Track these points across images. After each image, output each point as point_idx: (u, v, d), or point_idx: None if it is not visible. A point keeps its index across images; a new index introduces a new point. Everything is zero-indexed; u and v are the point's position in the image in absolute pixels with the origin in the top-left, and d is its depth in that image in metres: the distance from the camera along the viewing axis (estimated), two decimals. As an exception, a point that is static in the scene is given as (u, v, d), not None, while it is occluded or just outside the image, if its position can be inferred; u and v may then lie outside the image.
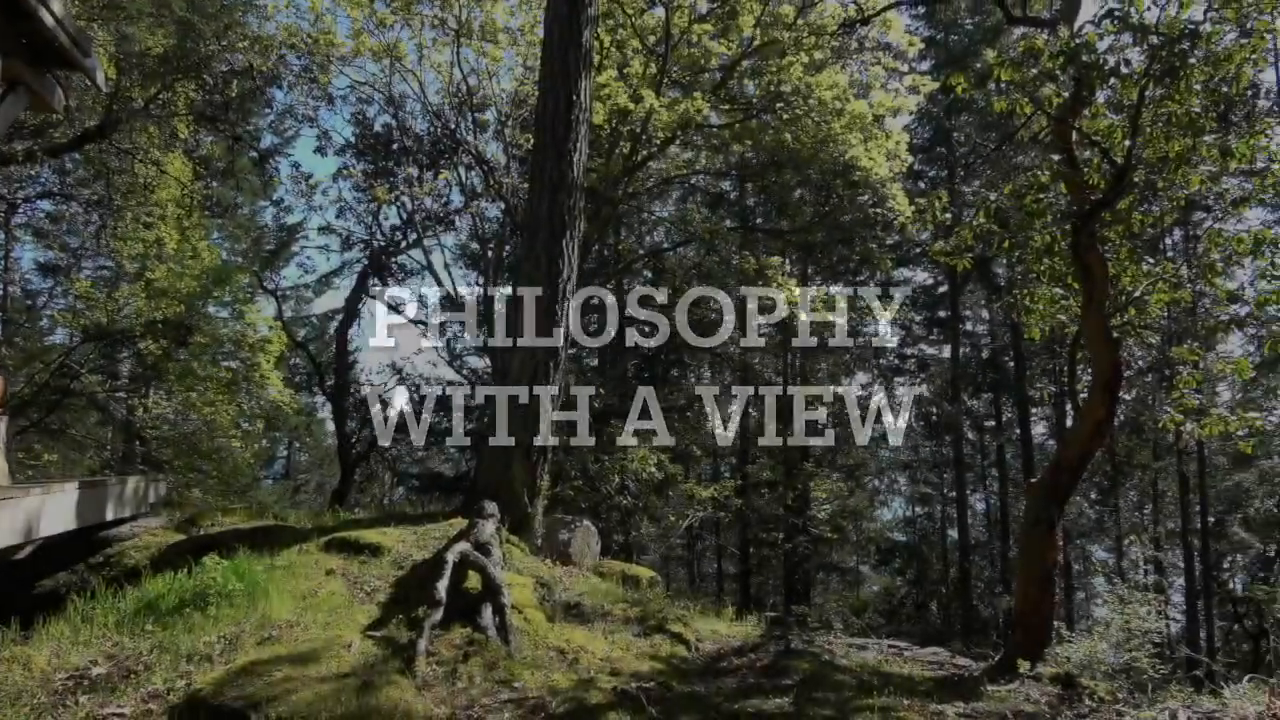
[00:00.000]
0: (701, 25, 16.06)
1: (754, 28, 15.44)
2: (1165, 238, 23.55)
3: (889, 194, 15.31)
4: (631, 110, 15.08)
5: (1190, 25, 7.36)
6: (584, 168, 9.57)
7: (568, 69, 8.83)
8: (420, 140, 23.38)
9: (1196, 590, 26.14)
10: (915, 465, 30.33)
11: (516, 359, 8.99)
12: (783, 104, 15.23)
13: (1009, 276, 23.82)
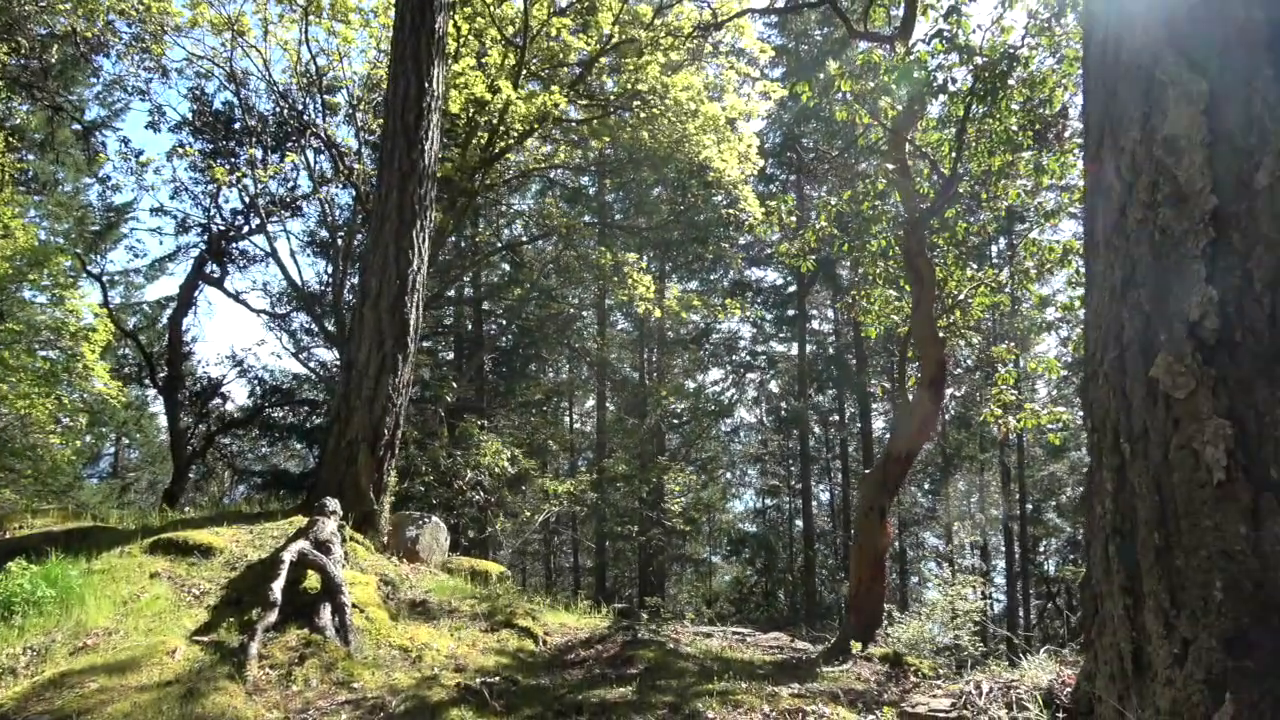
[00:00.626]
0: (560, 19, 16.02)
1: (613, 25, 15.54)
2: (991, 245, 25.33)
3: (741, 195, 15.76)
4: (489, 101, 14.88)
5: (1010, 49, 7.94)
6: (437, 157, 9.37)
7: (419, 55, 8.61)
8: (265, 120, 22.23)
9: (1016, 572, 28.29)
10: (765, 458, 31.38)
11: (363, 351, 8.71)
12: (640, 103, 15.41)
13: (851, 278, 24.99)
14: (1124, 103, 3.36)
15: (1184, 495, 2.84)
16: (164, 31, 17.40)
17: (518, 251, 24.70)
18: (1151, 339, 3.03)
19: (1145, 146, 3.23)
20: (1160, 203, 3.13)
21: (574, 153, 20.36)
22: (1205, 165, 3.01)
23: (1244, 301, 2.85)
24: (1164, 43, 3.26)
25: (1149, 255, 3.12)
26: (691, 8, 15.40)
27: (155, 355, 23.44)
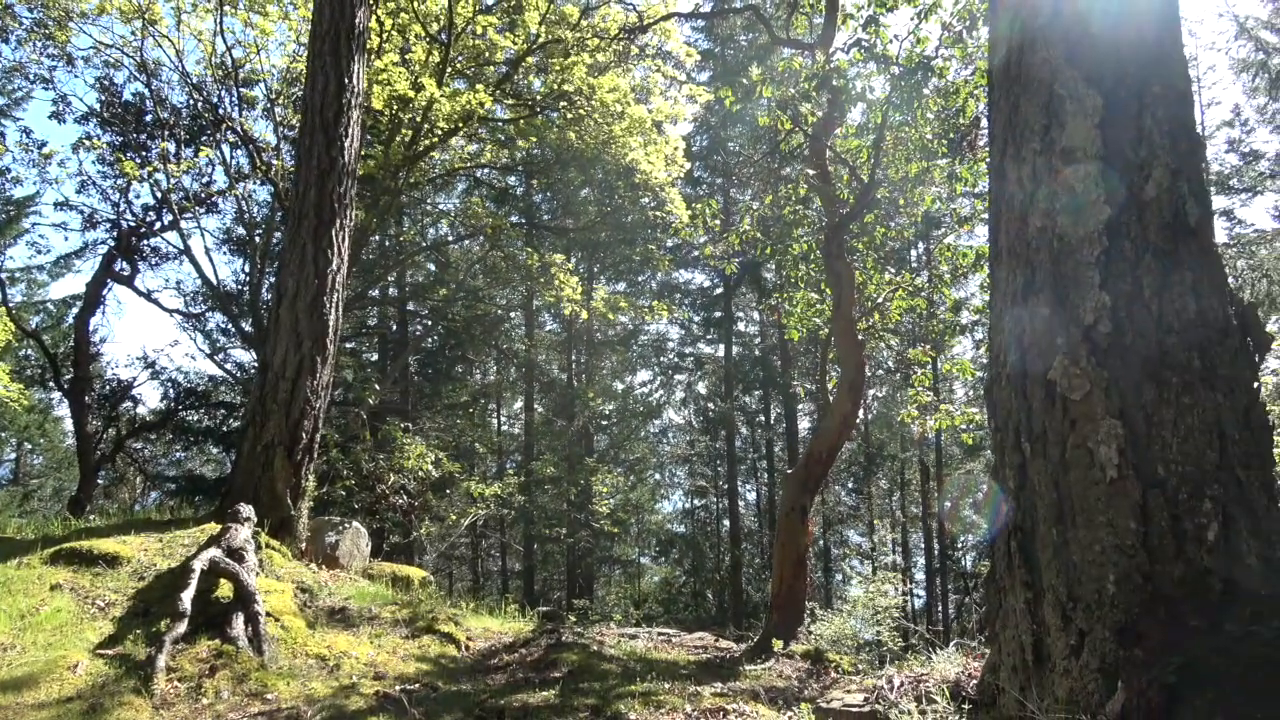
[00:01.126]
0: (486, 18, 15.87)
1: (539, 24, 15.45)
2: (910, 249, 25.99)
3: (668, 198, 15.85)
4: (412, 98, 14.65)
5: (925, 59, 8.16)
6: (358, 154, 9.18)
7: (339, 50, 8.43)
8: (178, 113, 21.47)
9: (936, 569, 29.08)
10: (693, 459, 31.60)
11: (280, 353, 8.48)
12: (567, 103, 15.37)
13: (775, 281, 25.35)
14: (1025, 115, 3.49)
15: (1080, 493, 2.97)
16: (69, 18, 16.67)
17: (443, 251, 24.37)
18: (1050, 342, 3.16)
19: (1045, 158, 3.37)
20: (1058, 211, 3.27)
21: (500, 152, 20.18)
22: (1099, 177, 3.15)
23: (1134, 307, 2.99)
24: (1063, 59, 3.40)
25: (1048, 262, 3.25)
26: (618, 10, 15.43)
27: (60, 356, 22.46)
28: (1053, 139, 3.43)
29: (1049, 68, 3.52)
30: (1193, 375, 2.95)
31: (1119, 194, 3.20)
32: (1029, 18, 3.60)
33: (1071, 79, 3.44)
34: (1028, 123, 3.60)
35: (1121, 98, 3.31)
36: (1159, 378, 2.96)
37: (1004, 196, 3.70)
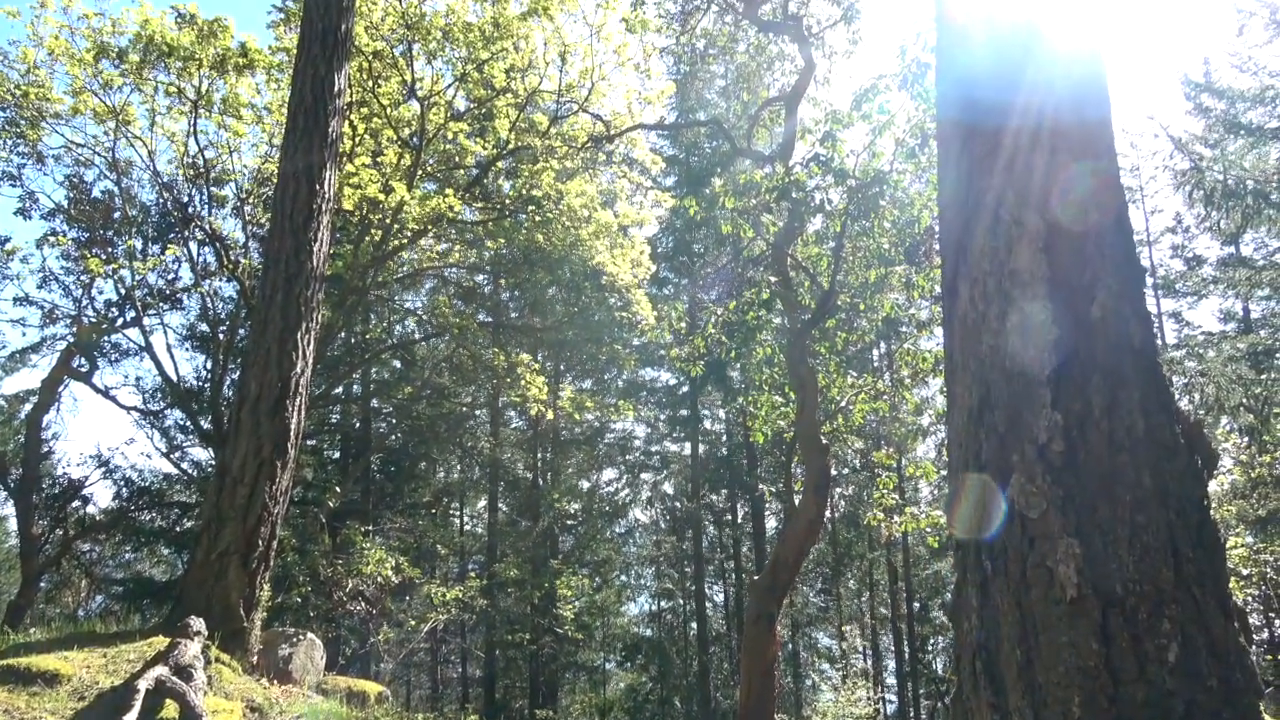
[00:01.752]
0: (458, 124, 16.32)
1: (509, 131, 15.91)
2: (873, 349, 26.45)
3: (634, 299, 16.08)
4: (383, 200, 14.89)
5: (880, 173, 8.49)
6: (326, 258, 9.25)
7: (311, 158, 8.59)
8: (147, 211, 21.61)
9: (906, 671, 28.57)
10: (659, 560, 31.13)
11: (239, 457, 8.33)
12: (535, 207, 15.70)
13: (741, 380, 25.57)
14: (976, 237, 3.63)
15: (1042, 612, 2.96)
16: (41, 118, 16.84)
17: (409, 349, 24.35)
18: (1006, 460, 3.21)
19: (995, 279, 3.49)
20: (1009, 330, 3.37)
21: (469, 252, 20.45)
22: (1046, 299, 3.27)
23: (1086, 426, 3.06)
24: (1007, 184, 3.57)
25: (1001, 380, 3.33)
26: (586, 119, 15.95)
27: (9, 454, 21.84)
28: (1001, 260, 3.56)
29: (994, 192, 3.67)
30: (1145, 493, 3.00)
31: (1066, 315, 3.31)
32: (976, 148, 3.78)
33: (1016, 203, 3.59)
34: (977, 243, 3.72)
35: (1064, 223, 3.45)
36: (1113, 496, 3.01)
37: (956, 313, 3.80)
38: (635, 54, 15.09)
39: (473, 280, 25.84)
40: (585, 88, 15.19)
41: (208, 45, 15.31)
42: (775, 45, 12.45)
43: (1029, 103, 3.80)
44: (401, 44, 15.41)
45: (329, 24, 8.89)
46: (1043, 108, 3.75)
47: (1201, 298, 28.56)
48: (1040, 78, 3.87)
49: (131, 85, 16.52)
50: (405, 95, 16.46)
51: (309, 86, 8.82)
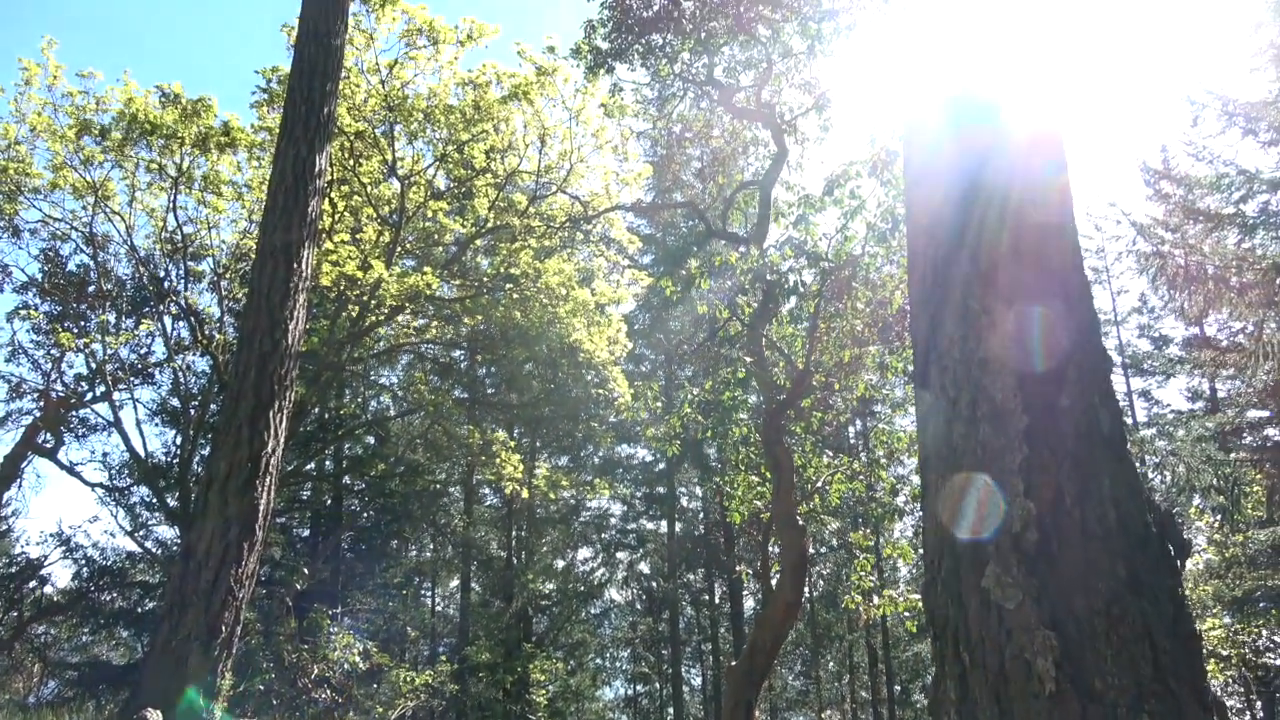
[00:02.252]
0: (437, 203, 16.52)
1: (488, 210, 16.13)
2: (849, 426, 26.52)
3: (610, 376, 16.11)
4: (361, 278, 14.93)
5: (853, 256, 8.64)
6: (301, 336, 9.22)
7: (290, 237, 8.63)
8: (122, 284, 21.52)
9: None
10: (635, 642, 30.47)
11: (205, 539, 8.12)
12: (513, 285, 15.82)
13: (718, 458, 25.49)
14: (946, 326, 3.69)
15: (1021, 708, 2.92)
16: (19, 192, 16.87)
17: (383, 425, 24.11)
18: (981, 550, 3.20)
19: (965, 367, 3.53)
20: (980, 419, 3.39)
21: (446, 328, 20.48)
22: (1016, 388, 3.30)
23: (1059, 515, 3.07)
24: (974, 274, 3.64)
25: (974, 468, 3.35)
26: (565, 199, 16.22)
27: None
28: (971, 349, 3.60)
29: (963, 283, 3.74)
30: (1120, 584, 2.99)
31: (1035, 403, 3.34)
32: (943, 238, 3.87)
33: (983, 293, 3.65)
34: (948, 333, 3.77)
35: (1031, 313, 3.51)
36: (1088, 587, 3.00)
37: (928, 400, 3.83)
38: (613, 137, 15.46)
39: (449, 356, 25.79)
40: (564, 169, 15.49)
41: (191, 124, 15.51)
42: (749, 131, 12.82)
43: (992, 193, 3.90)
44: (384, 125, 15.69)
45: (312, 107, 9.05)
46: (1006, 197, 3.86)
47: (1170, 376, 29.05)
48: (1003, 167, 3.98)
49: (113, 161, 16.66)
50: (386, 174, 16.70)
51: (290, 167, 8.92)
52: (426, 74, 15.19)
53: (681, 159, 27.64)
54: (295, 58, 9.65)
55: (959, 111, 4.22)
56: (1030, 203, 3.80)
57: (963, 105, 4.18)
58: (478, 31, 14.67)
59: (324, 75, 9.01)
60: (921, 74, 4.46)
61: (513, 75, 14.87)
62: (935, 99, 4.34)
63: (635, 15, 11.90)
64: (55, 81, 15.82)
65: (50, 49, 15.71)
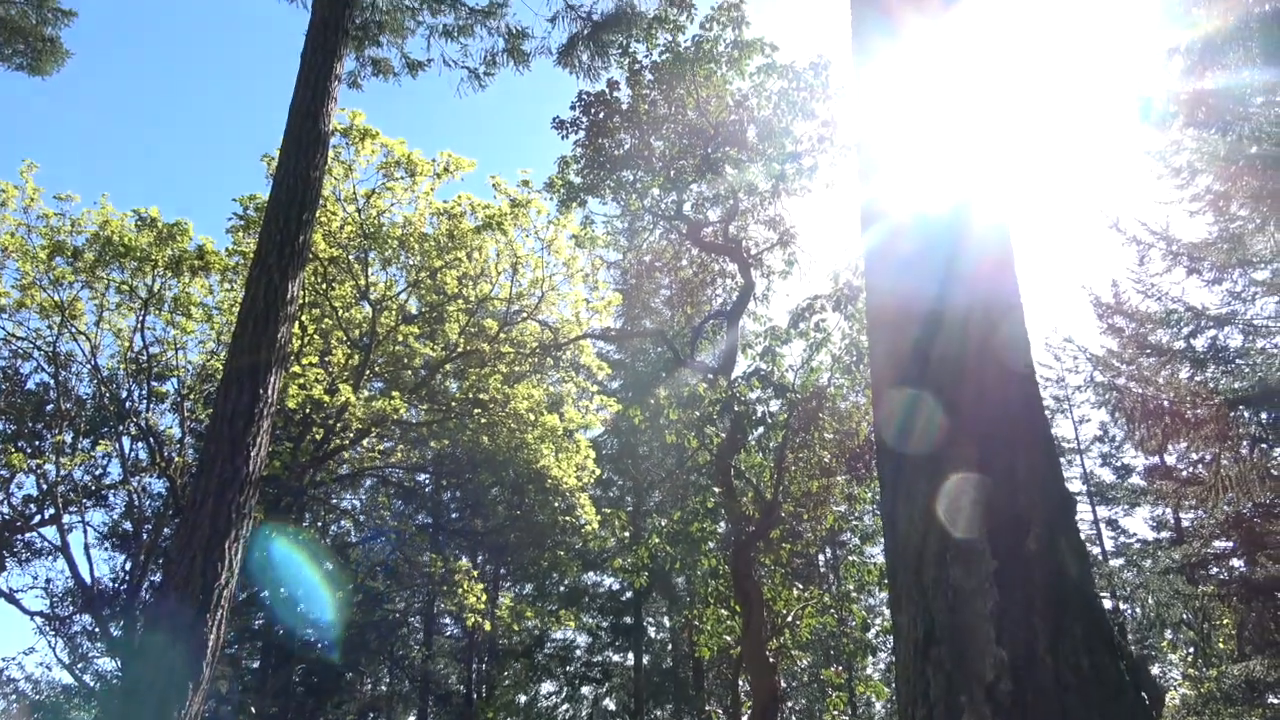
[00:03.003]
0: (409, 327, 16.63)
1: (459, 335, 16.24)
2: (819, 554, 26.19)
3: (577, 503, 15.90)
4: (327, 402, 14.83)
5: (818, 387, 8.75)
6: (264, 462, 9.05)
7: (257, 364, 8.58)
8: (82, 404, 21.14)
9: None
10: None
11: (149, 675, 7.71)
12: (481, 409, 15.78)
13: (686, 588, 24.96)
14: (912, 465, 3.72)
15: None
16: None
17: (343, 552, 23.44)
18: (955, 699, 3.12)
19: (930, 504, 3.54)
20: (950, 561, 3.38)
21: (412, 452, 20.25)
22: (983, 528, 3.31)
23: (1032, 664, 3.02)
24: (937, 408, 3.70)
25: (944, 612, 3.30)
26: (535, 325, 16.41)
27: (-110, 665, 20.03)
28: (935, 486, 3.61)
29: (925, 419, 3.79)
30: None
31: (1004, 546, 3.34)
32: (906, 374, 3.94)
33: (948, 435, 3.70)
34: (915, 468, 3.80)
35: (995, 451, 3.55)
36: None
37: (898, 538, 3.82)
38: (585, 266, 15.82)
39: (413, 480, 25.39)
40: (536, 296, 15.75)
41: (165, 247, 15.65)
42: (717, 264, 13.23)
43: (951, 333, 4.00)
44: (358, 251, 15.94)
45: (288, 235, 9.19)
46: (965, 337, 3.95)
47: (1136, 506, 29.24)
48: (960, 305, 4.09)
49: (83, 282, 16.67)
50: (358, 298, 16.84)
51: (261, 293, 8.97)
52: (403, 203, 15.59)
53: (651, 286, 28.23)
54: (274, 188, 9.86)
55: (916, 248, 4.36)
56: (990, 345, 3.90)
57: (919, 242, 4.32)
58: (454, 165, 15.16)
59: (301, 206, 9.21)
60: (879, 212, 4.63)
61: (487, 206, 15.29)
62: (893, 236, 4.50)
63: (607, 153, 12.40)
64: (32, 204, 15.99)
65: (30, 171, 15.95)
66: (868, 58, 4.78)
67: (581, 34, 11.92)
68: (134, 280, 16.43)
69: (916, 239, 4.32)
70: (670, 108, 12.08)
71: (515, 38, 12.13)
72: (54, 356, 18.12)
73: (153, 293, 16.46)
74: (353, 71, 12.27)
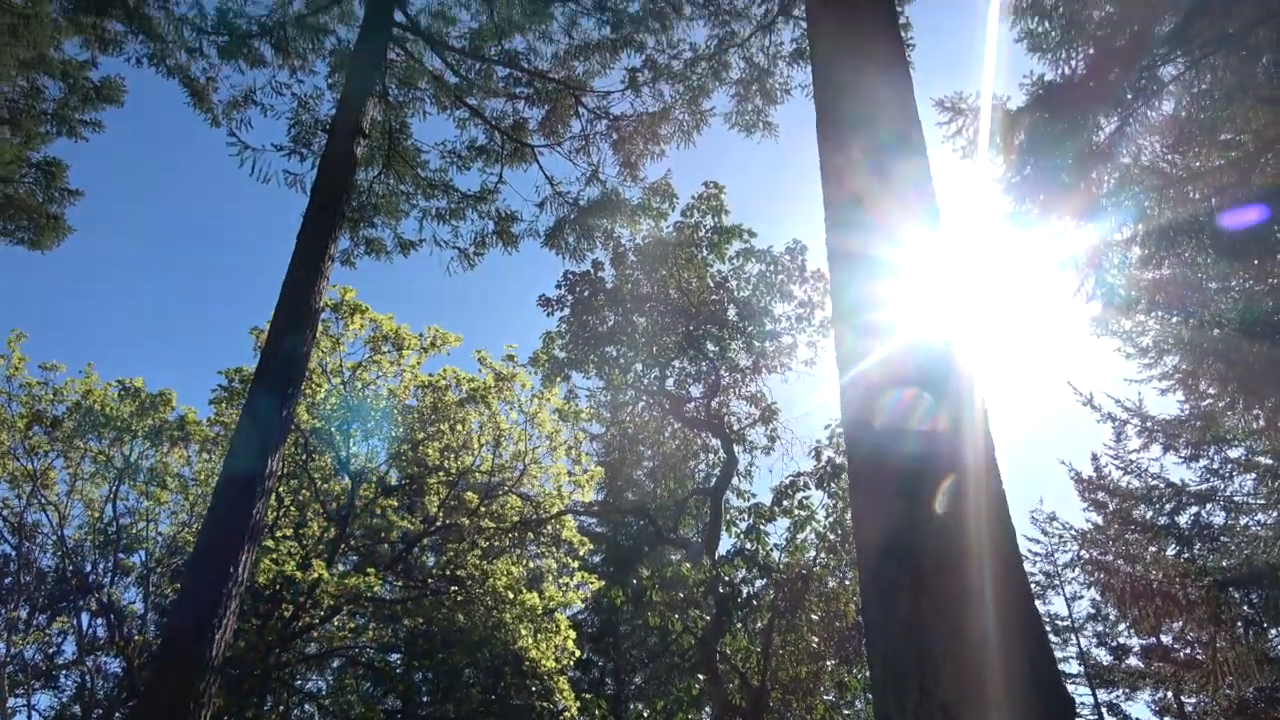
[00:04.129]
0: (388, 500, 16.37)
1: (438, 509, 15.99)
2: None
3: (556, 686, 15.14)
4: (299, 578, 14.36)
5: (804, 570, 8.60)
6: (228, 645, 8.64)
7: (230, 544, 8.36)
8: (43, 577, 20.39)
9: None
10: None
11: None
12: (458, 586, 15.30)
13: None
14: (900, 659, 3.60)
15: None
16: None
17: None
18: None
19: (925, 709, 3.40)
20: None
21: (384, 630, 19.42)
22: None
23: None
24: (924, 606, 3.62)
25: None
26: (516, 498, 16.20)
27: None
28: (929, 689, 3.50)
29: (906, 609, 3.71)
30: None
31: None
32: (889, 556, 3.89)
33: (933, 629, 3.61)
34: (904, 662, 3.68)
35: (986, 648, 3.46)
36: None
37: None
38: (568, 439, 15.81)
39: (384, 660, 24.22)
40: (518, 469, 15.64)
41: (146, 417, 15.60)
42: (700, 438, 13.28)
43: (933, 515, 3.97)
44: (341, 422, 15.92)
45: (270, 411, 9.19)
46: (947, 517, 3.93)
47: (1137, 690, 28.17)
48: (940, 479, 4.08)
49: (59, 451, 16.49)
50: (337, 469, 16.66)
51: (240, 466, 8.87)
52: (388, 376, 15.74)
53: (634, 458, 28.16)
54: (261, 361, 9.94)
55: (894, 425, 4.37)
56: (974, 529, 3.87)
57: (895, 414, 4.34)
58: (441, 339, 15.44)
59: (286, 380, 9.26)
60: (857, 390, 4.67)
61: (472, 380, 15.45)
62: (871, 413, 4.51)
63: (591, 329, 12.71)
64: (16, 373, 16.03)
65: (18, 341, 16.10)
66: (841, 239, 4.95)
67: (568, 218, 12.48)
68: (111, 450, 16.26)
69: (893, 412, 4.37)
70: (653, 287, 12.51)
71: (505, 220, 12.67)
72: (19, 527, 17.65)
73: (129, 463, 16.27)
74: (346, 250, 12.67)
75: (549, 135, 12.23)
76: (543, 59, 12.05)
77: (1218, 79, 8.00)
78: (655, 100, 12.01)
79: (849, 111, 5.00)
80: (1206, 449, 15.71)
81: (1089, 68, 7.80)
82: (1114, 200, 8.65)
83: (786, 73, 11.46)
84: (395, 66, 11.93)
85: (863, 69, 5.04)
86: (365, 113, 9.96)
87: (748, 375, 11.78)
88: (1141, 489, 16.15)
